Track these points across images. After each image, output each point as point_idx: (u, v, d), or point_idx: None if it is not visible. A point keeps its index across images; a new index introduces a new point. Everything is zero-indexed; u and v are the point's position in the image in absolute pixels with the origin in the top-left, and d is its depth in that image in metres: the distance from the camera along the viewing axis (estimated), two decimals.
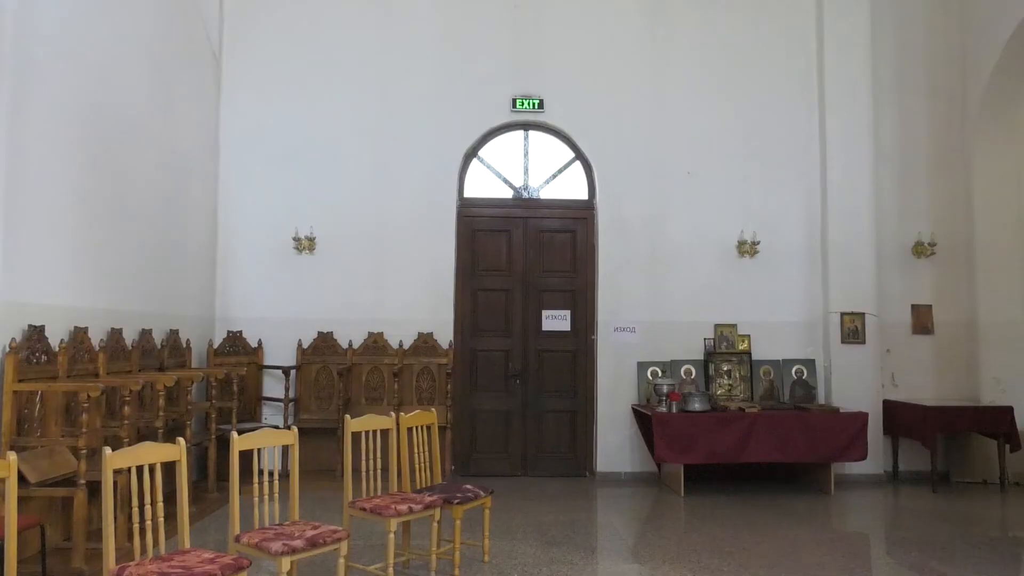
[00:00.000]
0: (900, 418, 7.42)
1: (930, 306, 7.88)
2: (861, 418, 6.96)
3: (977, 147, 7.75)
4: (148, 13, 6.24)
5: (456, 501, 4.48)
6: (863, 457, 6.92)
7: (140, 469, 3.14)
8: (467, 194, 7.94)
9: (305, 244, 7.58)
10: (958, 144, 7.91)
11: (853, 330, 7.61)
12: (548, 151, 8.04)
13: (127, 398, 4.85)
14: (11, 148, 4.42)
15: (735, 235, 7.78)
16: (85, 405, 4.46)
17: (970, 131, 7.81)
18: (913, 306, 7.88)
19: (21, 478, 3.70)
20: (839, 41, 7.77)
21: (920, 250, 7.82)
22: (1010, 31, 7.24)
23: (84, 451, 4.37)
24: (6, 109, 4.38)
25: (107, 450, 3.01)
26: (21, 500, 3.44)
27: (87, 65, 5.28)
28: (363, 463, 4.41)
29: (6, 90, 4.37)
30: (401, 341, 7.62)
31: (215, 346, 7.46)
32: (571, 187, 8.03)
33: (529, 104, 7.83)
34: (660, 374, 7.51)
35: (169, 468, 3.31)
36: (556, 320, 7.85)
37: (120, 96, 5.76)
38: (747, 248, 7.74)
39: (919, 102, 7.99)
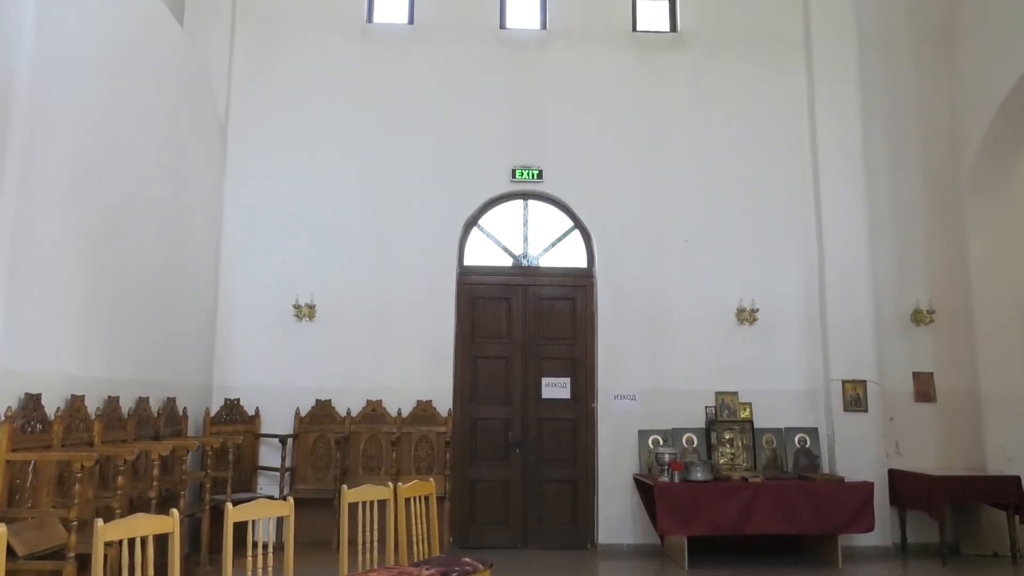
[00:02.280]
0: (906, 488, 7.29)
1: (931, 374, 7.84)
2: (867, 488, 6.84)
3: (970, 218, 7.85)
4: (158, 84, 6.40)
5: (455, 575, 4.37)
6: (870, 528, 6.78)
7: (132, 541, 3.07)
8: (467, 262, 8.00)
9: (305, 311, 7.60)
10: (951, 214, 8.01)
11: (855, 398, 7.55)
12: (547, 220, 8.14)
13: (121, 468, 4.78)
14: (18, 217, 4.47)
15: (734, 303, 7.81)
16: (78, 475, 4.40)
17: (962, 202, 7.92)
18: (914, 374, 7.84)
19: (9, 550, 3.62)
20: (831, 116, 7.95)
21: (919, 318, 7.84)
22: (995, 107, 7.45)
23: (75, 522, 4.28)
24: (15, 178, 4.44)
25: (99, 522, 2.96)
26: (9, 574, 3.36)
27: (96, 134, 5.39)
28: (359, 535, 4.32)
29: (15, 159, 4.45)
30: (400, 409, 7.56)
31: (212, 414, 7.40)
32: (570, 255, 8.10)
33: (528, 174, 7.97)
34: (661, 442, 7.42)
35: (161, 540, 3.25)
36: (556, 388, 7.81)
37: (127, 165, 5.86)
38: (746, 316, 7.75)
39: (911, 174, 8.13)
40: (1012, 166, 7.84)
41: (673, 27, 8.37)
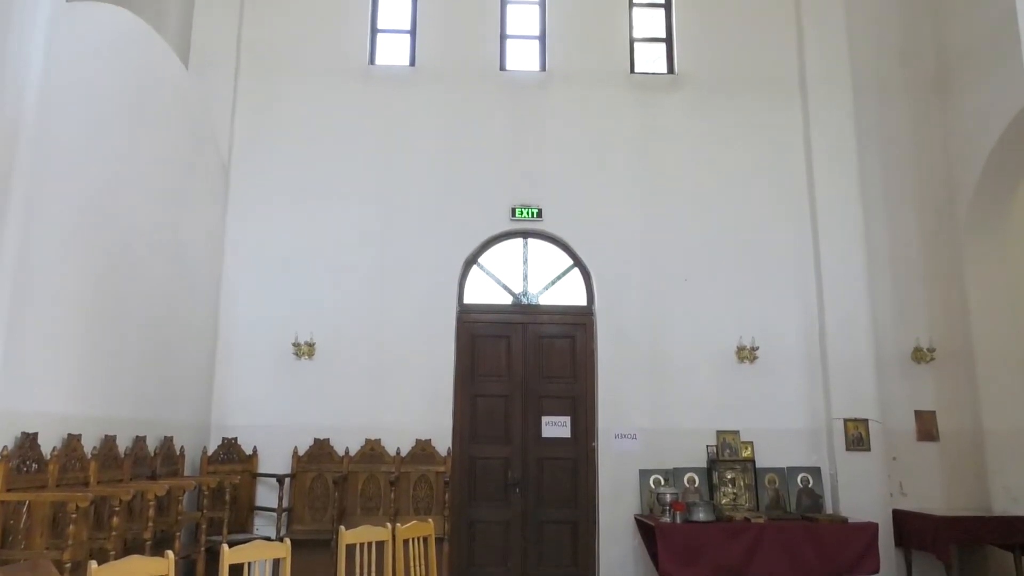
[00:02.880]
0: (912, 529, 7.20)
1: (933, 412, 7.80)
2: (871, 528, 6.76)
3: (968, 258, 7.88)
4: (162, 124, 6.49)
5: None
6: (876, 570, 6.67)
7: None
8: (467, 300, 8.01)
9: (305, 350, 7.58)
10: (949, 253, 8.04)
11: (857, 437, 7.50)
12: (547, 258, 8.17)
13: (117, 508, 4.73)
14: (20, 257, 4.49)
15: (734, 341, 7.80)
16: (73, 516, 4.34)
17: (960, 242, 7.96)
18: (917, 412, 7.80)
19: None
20: (827, 156, 8.03)
21: (920, 356, 7.82)
22: (988, 150, 7.53)
23: (68, 564, 4.22)
24: (18, 218, 4.47)
25: (92, 564, 2.91)
26: None
27: (100, 175, 5.43)
28: None
29: (19, 199, 4.48)
30: (399, 448, 7.50)
31: (209, 453, 7.33)
32: (570, 293, 8.11)
33: (528, 213, 8.02)
34: (663, 482, 7.35)
35: None
36: (556, 427, 7.76)
37: (129, 204, 5.90)
38: (746, 354, 7.74)
39: (908, 213, 8.18)
40: (1007, 206, 7.90)
41: (670, 69, 8.49)
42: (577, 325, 8.00)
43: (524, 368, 7.88)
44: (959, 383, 7.83)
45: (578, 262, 8.10)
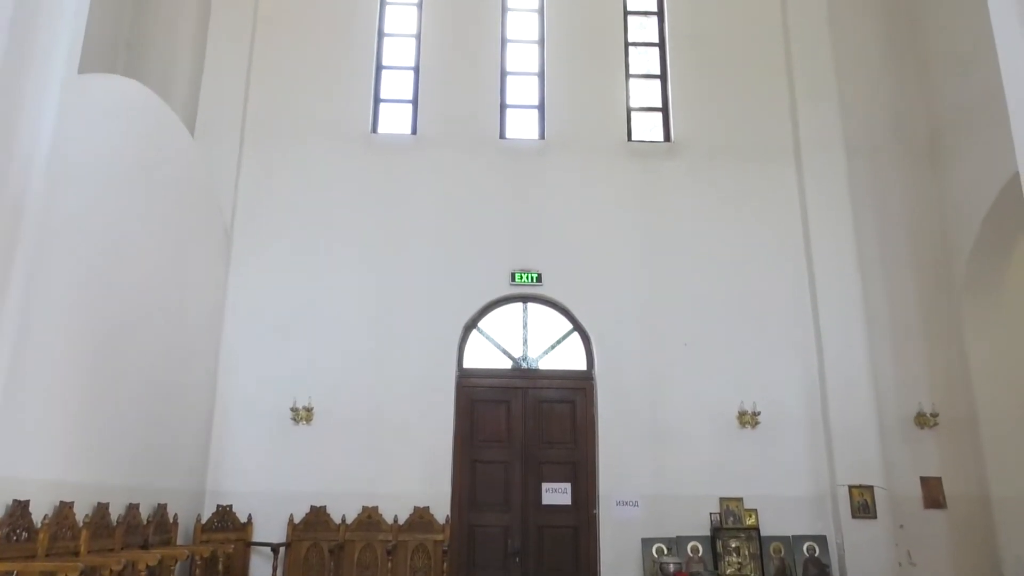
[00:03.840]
0: None
1: (939, 478, 7.67)
2: None
3: (967, 320, 7.90)
4: (167, 191, 6.58)
5: None
6: None
7: None
8: (467, 364, 7.99)
9: (303, 414, 7.53)
10: (949, 316, 8.05)
11: (863, 504, 7.37)
12: (547, 323, 8.18)
13: None
14: (20, 325, 4.50)
15: (735, 406, 7.74)
16: None
17: (959, 304, 7.99)
18: (922, 479, 7.67)
19: None
20: (823, 221, 8.15)
21: (923, 421, 7.74)
22: (982, 215, 7.63)
23: None
24: (20, 286, 4.50)
25: None
26: None
27: (103, 243, 5.49)
28: None
29: (22, 268, 4.51)
30: (396, 516, 7.37)
31: (204, 521, 7.20)
32: (570, 358, 8.09)
33: (528, 277, 8.06)
34: (665, 551, 7.19)
35: None
36: (556, 493, 7.63)
37: (131, 272, 5.94)
38: (748, 419, 7.67)
39: (906, 277, 8.22)
40: (1004, 269, 7.95)
41: (667, 137, 8.67)
42: (577, 390, 7.95)
43: (524, 433, 7.80)
44: (964, 448, 7.72)
45: (577, 326, 8.10)
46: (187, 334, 7.04)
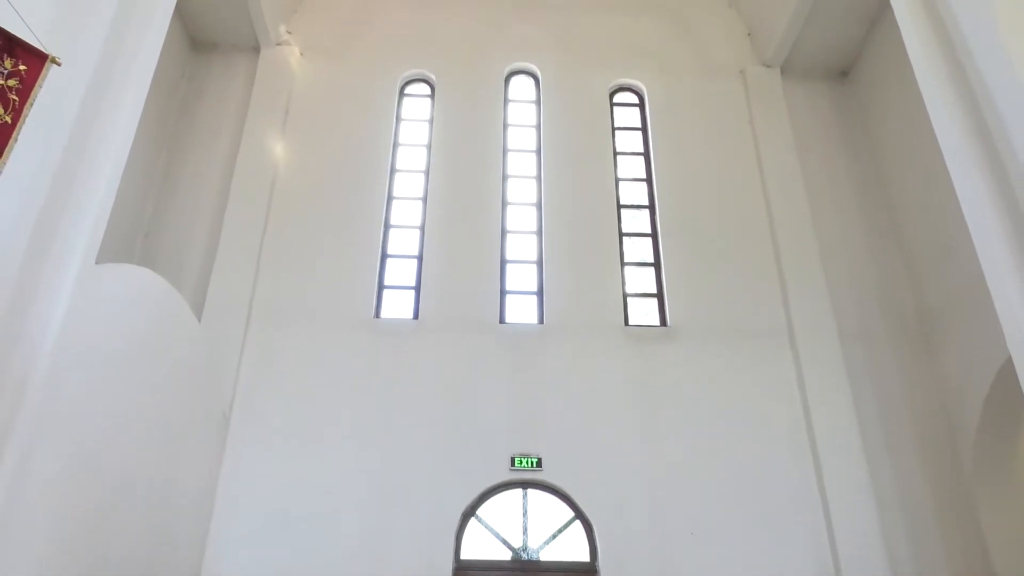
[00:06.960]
0: None
1: None
2: None
3: (981, 500, 7.65)
4: (169, 375, 6.60)
5: None
6: None
7: None
8: (464, 555, 7.62)
9: None
10: (960, 495, 7.82)
11: None
12: (547, 510, 7.91)
13: None
14: (4, 504, 4.38)
15: None
16: None
17: (969, 484, 7.77)
18: None
19: None
20: (823, 402, 8.13)
21: None
22: (983, 394, 7.61)
23: None
24: (11, 468, 4.43)
25: None
26: None
27: (100, 426, 5.45)
28: None
29: (16, 448, 4.47)
30: None
31: None
32: (572, 548, 7.73)
33: (528, 462, 7.90)
34: None
35: None
36: None
37: (125, 454, 5.83)
38: None
39: (912, 459, 8.07)
40: (1013, 446, 7.77)
41: (663, 321, 8.86)
42: None
43: None
44: None
45: (579, 514, 7.82)
46: (174, 523, 6.76)
